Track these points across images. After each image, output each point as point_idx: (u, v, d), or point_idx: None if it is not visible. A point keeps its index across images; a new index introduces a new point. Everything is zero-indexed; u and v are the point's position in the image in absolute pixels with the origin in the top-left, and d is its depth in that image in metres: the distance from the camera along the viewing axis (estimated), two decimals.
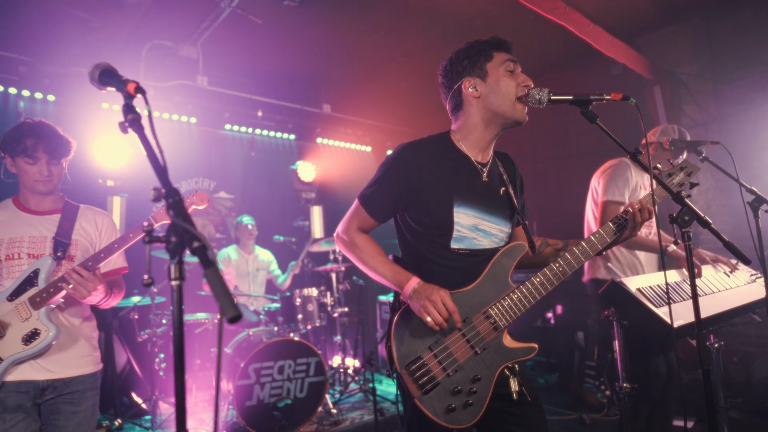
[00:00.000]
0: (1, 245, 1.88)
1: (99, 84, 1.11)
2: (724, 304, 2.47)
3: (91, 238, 2.05)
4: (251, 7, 4.17)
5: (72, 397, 1.90)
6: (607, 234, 1.60)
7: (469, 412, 1.46)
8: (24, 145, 1.86)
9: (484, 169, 1.66)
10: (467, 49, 1.66)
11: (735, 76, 4.74)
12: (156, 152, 0.90)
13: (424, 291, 1.47)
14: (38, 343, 1.81)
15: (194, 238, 0.75)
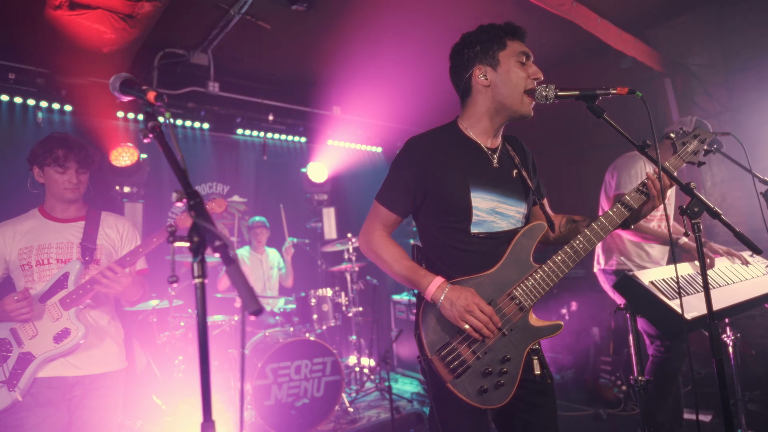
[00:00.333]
0: (31, 252, 1.99)
1: (120, 93, 1.17)
2: (738, 296, 2.45)
3: (114, 242, 2.17)
4: (260, 12, 4.24)
5: (98, 393, 2.01)
6: (625, 208, 1.60)
7: (501, 392, 1.49)
8: (56, 155, 1.99)
9: (494, 155, 1.67)
10: (480, 33, 1.64)
11: (747, 65, 4.69)
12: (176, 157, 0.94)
13: (458, 299, 1.47)
14: (69, 341, 1.92)
15: (216, 237, 0.79)
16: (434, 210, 1.63)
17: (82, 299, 1.96)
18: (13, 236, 2.02)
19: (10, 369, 1.88)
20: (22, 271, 2.00)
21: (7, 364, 1.89)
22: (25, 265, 1.99)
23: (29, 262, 1.99)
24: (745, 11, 4.67)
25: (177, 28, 4.42)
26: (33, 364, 1.89)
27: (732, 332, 3.23)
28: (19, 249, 2.01)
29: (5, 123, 4.14)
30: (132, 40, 3.79)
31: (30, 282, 2.00)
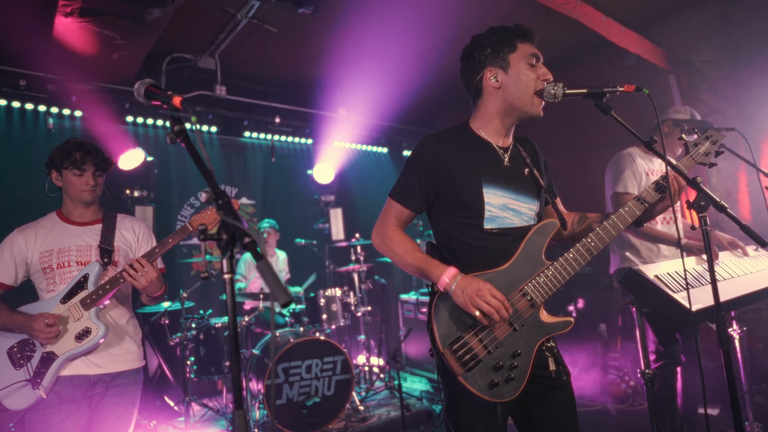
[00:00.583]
0: (52, 255, 2.05)
1: (145, 99, 1.21)
2: (743, 288, 2.48)
3: (130, 244, 2.23)
4: (267, 16, 4.29)
5: (116, 390, 2.07)
6: (640, 204, 1.62)
7: (511, 386, 1.52)
8: (74, 158, 2.04)
9: (505, 154, 1.70)
10: (491, 36, 1.67)
11: (752, 60, 4.69)
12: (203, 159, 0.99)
13: (469, 286, 1.50)
14: (90, 340, 1.98)
15: (245, 234, 0.84)
16: (448, 206, 1.66)
17: (102, 300, 2.01)
18: (35, 240, 2.08)
19: (34, 368, 1.94)
20: (44, 274, 2.05)
21: (30, 364, 1.95)
22: (47, 268, 2.05)
23: (50, 265, 2.05)
24: (748, 6, 4.68)
25: (184, 33, 4.47)
26: (56, 363, 1.95)
27: (738, 326, 3.26)
28: (40, 252, 2.06)
29: (17, 129, 4.22)
30: (141, 46, 3.86)
31: (51, 284, 2.05)
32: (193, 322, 3.97)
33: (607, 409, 3.96)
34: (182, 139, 1.06)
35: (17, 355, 1.98)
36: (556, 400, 1.63)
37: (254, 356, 3.91)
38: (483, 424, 1.56)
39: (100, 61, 4.00)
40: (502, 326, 1.55)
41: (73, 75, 4.20)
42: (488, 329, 1.54)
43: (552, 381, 1.62)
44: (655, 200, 1.63)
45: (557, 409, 1.62)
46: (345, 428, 3.73)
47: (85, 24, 3.41)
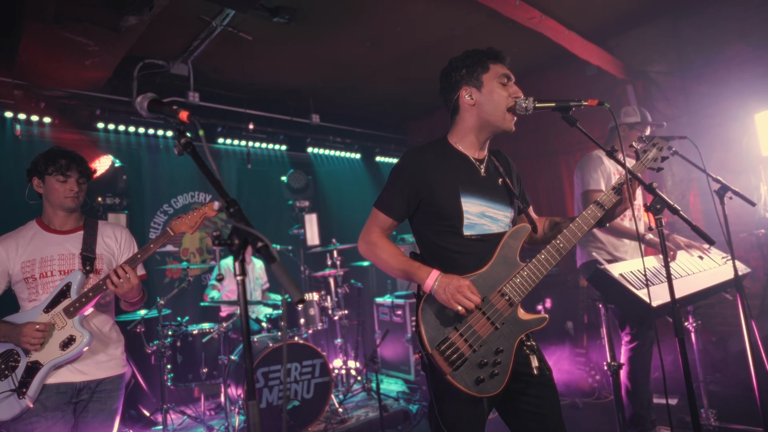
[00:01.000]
0: (34, 264, 2.06)
1: (147, 113, 1.27)
2: (698, 285, 2.70)
3: (113, 250, 2.24)
4: (242, 24, 4.34)
5: (100, 396, 2.10)
6: (599, 208, 1.77)
7: (496, 381, 1.63)
8: (59, 164, 2.06)
9: (481, 166, 1.84)
10: (466, 58, 1.81)
11: (701, 72, 5.04)
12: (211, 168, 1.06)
13: (450, 283, 1.61)
14: (74, 348, 1.99)
15: (258, 239, 0.92)
16: (429, 215, 1.78)
17: (85, 307, 2.02)
18: (16, 250, 2.07)
19: (19, 378, 1.94)
20: (26, 283, 2.05)
21: (15, 374, 1.95)
22: (29, 278, 2.05)
23: (33, 274, 2.05)
24: (697, 23, 5.02)
25: (157, 39, 4.46)
26: (41, 372, 1.95)
27: (694, 320, 3.51)
28: (22, 262, 2.06)
29: None
30: (115, 53, 3.84)
31: (34, 294, 2.06)
32: (170, 330, 3.95)
33: (576, 403, 4.15)
34: (189, 150, 1.13)
35: (1, 366, 1.97)
36: (541, 396, 1.74)
37: (232, 362, 3.92)
38: (469, 418, 1.67)
39: (71, 67, 3.95)
40: (484, 325, 1.66)
41: (42, 81, 4.13)
42: (472, 329, 1.65)
43: (535, 378, 1.72)
44: (613, 203, 1.78)
45: (542, 404, 1.73)
46: (325, 430, 3.79)
47: (58, 30, 3.38)
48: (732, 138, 4.74)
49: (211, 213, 2.22)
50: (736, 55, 4.76)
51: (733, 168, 4.75)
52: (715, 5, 4.85)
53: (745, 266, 3.16)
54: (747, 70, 4.67)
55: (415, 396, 4.57)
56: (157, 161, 5.19)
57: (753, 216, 4.57)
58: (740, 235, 4.62)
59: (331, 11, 4.26)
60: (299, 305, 0.85)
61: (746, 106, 4.62)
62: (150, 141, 5.16)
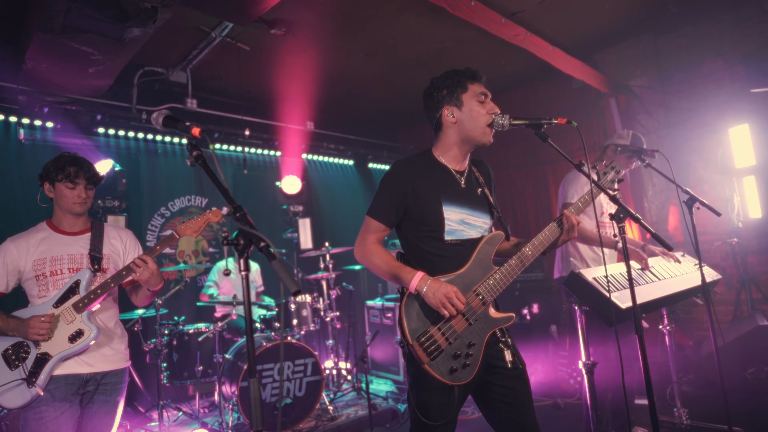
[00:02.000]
0: (45, 263, 2.19)
1: (162, 128, 1.42)
2: (668, 289, 2.88)
3: (119, 251, 2.37)
4: (240, 35, 4.51)
5: (105, 388, 2.21)
6: (551, 232, 1.96)
7: (467, 371, 1.80)
8: (68, 172, 2.19)
9: (461, 177, 2.02)
10: (446, 79, 1.99)
11: (680, 87, 5.27)
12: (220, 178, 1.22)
13: (438, 289, 1.78)
14: (83, 341, 2.12)
15: (261, 240, 1.08)
16: (414, 222, 1.95)
17: (93, 303, 2.15)
18: (27, 249, 2.20)
19: (29, 368, 2.07)
20: (37, 281, 2.17)
21: (25, 364, 2.07)
22: (40, 275, 2.17)
23: (44, 272, 2.17)
24: (677, 39, 5.26)
25: (157, 48, 4.62)
26: (50, 363, 2.07)
27: (668, 323, 3.69)
28: (33, 261, 2.18)
29: None
30: (118, 62, 3.99)
31: (44, 290, 2.18)
32: (167, 329, 4.08)
33: (557, 403, 4.32)
34: (200, 163, 1.29)
35: (12, 357, 2.09)
36: (512, 387, 1.90)
37: (227, 361, 4.06)
38: (441, 403, 1.83)
39: (75, 75, 4.09)
40: (459, 321, 1.83)
41: (46, 87, 4.27)
42: (449, 324, 1.82)
43: (509, 371, 1.89)
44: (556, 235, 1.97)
45: (513, 394, 1.90)
46: (315, 427, 3.93)
47: (65, 40, 3.52)
48: (708, 150, 4.96)
49: (215, 219, 2.37)
50: (713, 72, 5.00)
51: (710, 179, 4.98)
52: (693, 23, 5.09)
53: (717, 273, 3.36)
54: (723, 86, 4.91)
55: (403, 396, 4.72)
56: (155, 165, 5.33)
57: (728, 225, 4.79)
58: (715, 244, 4.83)
59: (327, 24, 4.45)
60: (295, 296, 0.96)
61: (721, 120, 4.85)
62: (149, 146, 5.31)
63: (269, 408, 3.80)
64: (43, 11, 3.25)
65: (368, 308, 5.69)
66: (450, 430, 1.89)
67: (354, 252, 2.03)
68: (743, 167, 4.74)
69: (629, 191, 5.43)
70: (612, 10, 4.65)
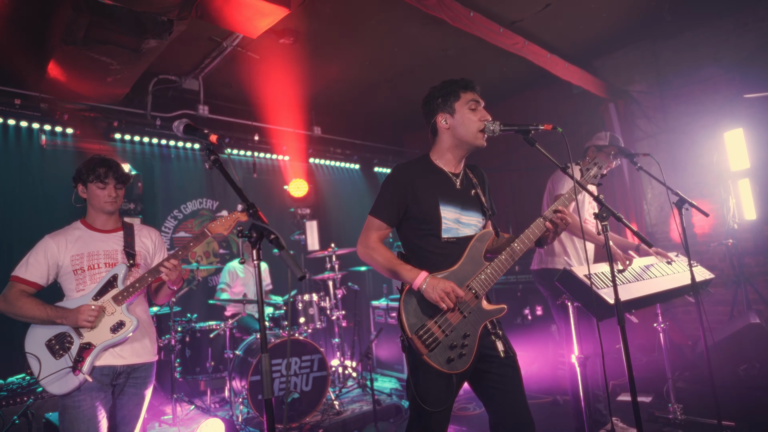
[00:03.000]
0: (82, 258, 2.32)
1: (182, 135, 1.59)
2: (658, 287, 3.01)
3: (148, 249, 2.52)
4: (250, 44, 4.71)
5: (136, 381, 2.33)
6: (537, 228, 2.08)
7: (463, 360, 1.95)
8: (98, 173, 2.33)
9: (457, 179, 2.17)
10: (441, 88, 2.15)
11: (679, 92, 5.39)
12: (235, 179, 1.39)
13: (437, 285, 1.91)
14: (124, 331, 2.24)
15: (271, 233, 1.25)
16: (413, 221, 2.11)
17: (132, 297, 2.28)
18: (66, 244, 2.32)
19: (74, 357, 2.17)
20: (74, 275, 2.29)
21: (70, 353, 2.18)
22: (78, 269, 2.29)
23: (82, 266, 2.30)
24: (675, 45, 5.39)
25: (171, 57, 4.83)
26: (94, 352, 2.18)
27: (663, 320, 3.81)
28: (71, 255, 2.30)
29: (12, 145, 4.47)
30: (135, 71, 4.20)
31: (81, 284, 2.30)
32: (180, 326, 4.26)
33: (557, 400, 4.44)
34: (217, 165, 1.46)
35: (56, 347, 2.20)
36: (504, 374, 2.05)
37: (237, 357, 4.23)
38: (439, 390, 1.97)
39: (94, 84, 4.31)
40: (454, 314, 1.98)
41: (66, 95, 4.49)
42: (444, 317, 1.96)
43: (501, 360, 2.04)
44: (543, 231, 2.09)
45: (505, 381, 2.05)
46: (322, 421, 4.08)
47: (86, 51, 3.73)
48: (705, 154, 5.08)
49: (243, 218, 2.45)
50: (710, 77, 5.12)
51: (707, 182, 5.09)
52: (691, 30, 5.21)
53: (710, 272, 3.48)
54: (719, 91, 5.03)
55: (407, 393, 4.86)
56: (168, 170, 5.54)
57: (725, 227, 4.90)
58: (712, 245, 4.94)
59: (333, 33, 4.64)
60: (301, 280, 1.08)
61: (718, 124, 4.97)
62: (162, 151, 5.52)
63: (277, 402, 3.96)
64: (67, 25, 3.46)
65: (373, 308, 5.85)
66: (446, 416, 2.02)
67: (357, 249, 2.17)
68: (738, 170, 4.85)
69: (629, 194, 5.55)
70: (610, 17, 4.80)
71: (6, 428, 3.24)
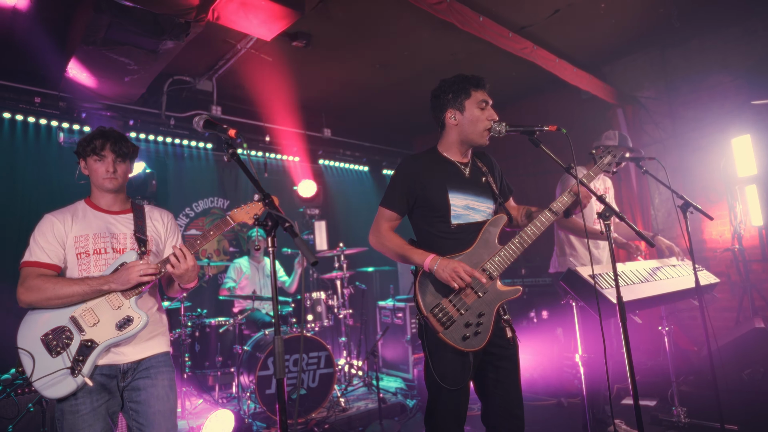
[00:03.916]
0: (87, 240, 2.03)
1: (202, 129, 1.67)
2: (662, 289, 3.05)
3: (160, 234, 2.24)
4: (264, 47, 4.81)
5: (147, 373, 2.03)
6: (562, 203, 2.15)
7: (479, 338, 2.01)
8: (93, 145, 2.06)
9: (465, 168, 2.24)
10: (452, 84, 2.20)
11: (687, 98, 5.41)
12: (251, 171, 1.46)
13: (448, 265, 1.97)
14: (132, 329, 1.97)
15: (285, 221, 1.32)
16: (423, 209, 2.18)
17: (142, 289, 2.01)
18: (71, 223, 2.05)
19: (73, 356, 1.89)
20: (77, 259, 2.01)
21: (68, 351, 1.89)
22: (82, 253, 2.01)
23: (86, 250, 2.01)
24: (684, 52, 5.41)
25: (186, 59, 4.93)
26: (96, 351, 1.91)
27: (667, 323, 3.83)
28: (75, 237, 2.02)
29: (32, 142, 4.60)
30: (151, 71, 4.31)
31: (85, 271, 2.00)
32: (190, 321, 4.35)
33: (561, 402, 4.46)
34: (235, 158, 1.53)
35: (53, 342, 1.90)
36: (505, 368, 2.12)
37: (245, 352, 4.30)
38: (457, 369, 2.03)
39: (112, 84, 4.42)
40: (469, 294, 2.04)
41: (84, 94, 4.61)
42: (459, 296, 2.03)
43: (504, 350, 2.11)
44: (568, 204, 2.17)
45: (505, 374, 2.12)
46: (327, 417, 4.14)
47: (105, 52, 3.85)
48: (713, 160, 5.10)
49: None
50: (719, 84, 5.14)
51: (715, 188, 5.10)
52: (699, 36, 5.24)
53: (715, 277, 3.51)
54: (728, 98, 5.05)
55: (412, 392, 4.91)
56: (181, 168, 5.66)
57: (732, 233, 4.90)
58: (718, 251, 4.95)
59: (345, 37, 4.73)
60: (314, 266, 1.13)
61: (725, 131, 4.99)
62: (176, 150, 5.64)
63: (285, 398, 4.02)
64: (87, 25, 3.57)
65: (380, 308, 5.91)
66: (465, 395, 2.07)
67: (369, 239, 2.24)
68: (745, 176, 4.86)
69: (636, 199, 5.57)
70: (619, 24, 4.84)
71: (21, 416, 3.33)
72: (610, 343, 3.59)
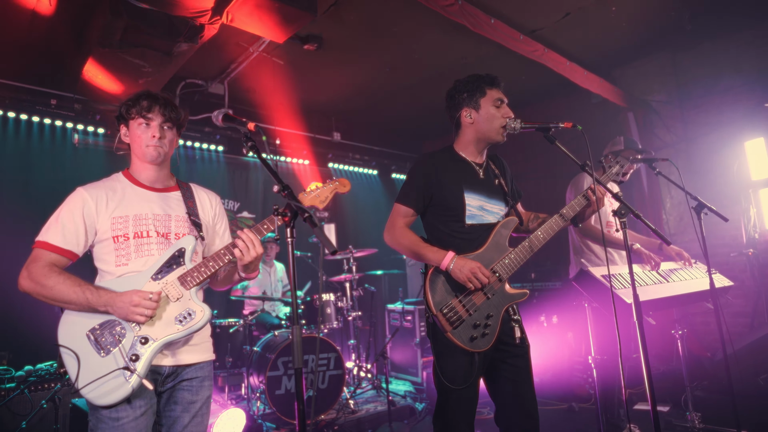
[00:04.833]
0: (127, 222, 1.75)
1: (222, 124, 1.68)
2: (676, 291, 3.03)
3: (209, 218, 1.95)
4: (276, 51, 4.86)
5: (191, 384, 1.77)
6: (572, 209, 2.15)
7: (486, 339, 2.01)
8: (140, 105, 1.78)
9: (480, 169, 2.25)
10: (467, 83, 2.22)
11: (699, 102, 5.39)
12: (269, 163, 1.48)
13: (464, 265, 1.98)
14: (194, 324, 1.69)
15: (304, 211, 1.33)
16: (438, 207, 2.18)
17: (203, 278, 1.75)
18: (106, 202, 1.75)
19: (127, 354, 1.62)
20: (114, 243, 1.72)
21: (121, 348, 1.63)
22: (120, 236, 1.73)
23: (126, 233, 1.73)
24: (695, 56, 5.39)
25: (199, 62, 5.00)
26: (153, 349, 1.64)
27: (680, 327, 3.79)
28: (113, 218, 1.74)
29: (47, 143, 4.67)
30: (165, 74, 4.37)
31: (125, 257, 1.73)
32: None
33: (572, 407, 4.42)
34: (254, 151, 1.55)
35: (102, 338, 1.63)
36: (517, 366, 2.11)
37: (255, 353, 4.31)
38: (464, 369, 2.03)
39: (126, 86, 4.48)
40: (478, 295, 2.04)
41: (99, 96, 4.68)
42: (469, 297, 2.03)
43: (515, 348, 2.10)
44: (583, 206, 2.17)
45: (517, 372, 2.11)
46: (337, 418, 4.13)
47: (120, 54, 3.91)
48: (726, 163, 5.06)
49: (343, 189, 2.04)
50: (730, 87, 5.11)
51: (728, 191, 5.06)
52: (711, 40, 5.22)
53: (728, 280, 3.47)
54: (740, 101, 5.02)
55: (421, 395, 4.88)
56: (193, 170, 5.70)
57: (745, 236, 4.86)
58: (732, 255, 4.90)
59: (355, 40, 4.76)
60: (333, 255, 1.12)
61: (738, 134, 4.95)
62: (187, 152, 5.69)
63: (294, 397, 4.01)
64: (104, 28, 3.63)
65: (389, 311, 5.90)
66: (473, 394, 2.06)
67: (384, 236, 2.24)
68: (759, 179, 4.82)
69: (647, 203, 5.53)
70: (630, 27, 4.84)
71: (34, 412, 3.35)
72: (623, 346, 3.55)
